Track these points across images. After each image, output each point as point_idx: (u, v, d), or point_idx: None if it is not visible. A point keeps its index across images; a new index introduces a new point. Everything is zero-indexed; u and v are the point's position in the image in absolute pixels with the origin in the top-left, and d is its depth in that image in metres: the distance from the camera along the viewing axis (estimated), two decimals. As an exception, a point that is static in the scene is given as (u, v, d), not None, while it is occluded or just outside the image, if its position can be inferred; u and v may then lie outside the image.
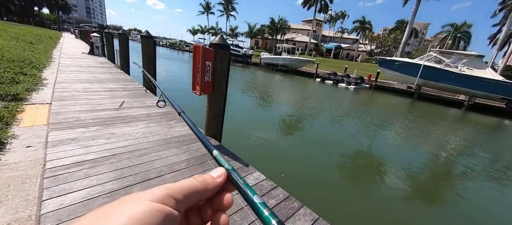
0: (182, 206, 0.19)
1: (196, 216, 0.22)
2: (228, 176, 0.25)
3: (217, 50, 2.38)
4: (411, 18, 20.84)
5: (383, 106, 11.61)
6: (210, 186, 0.22)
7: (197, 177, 0.22)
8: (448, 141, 6.54)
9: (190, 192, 0.19)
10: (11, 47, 6.96)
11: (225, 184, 0.24)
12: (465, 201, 3.40)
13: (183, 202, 0.19)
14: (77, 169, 1.73)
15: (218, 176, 0.23)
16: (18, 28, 16.85)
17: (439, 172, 4.46)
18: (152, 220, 0.15)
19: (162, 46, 56.48)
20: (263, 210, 0.21)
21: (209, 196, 0.22)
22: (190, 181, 0.20)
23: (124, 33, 6.98)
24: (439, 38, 40.14)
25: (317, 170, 3.73)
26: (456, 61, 13.77)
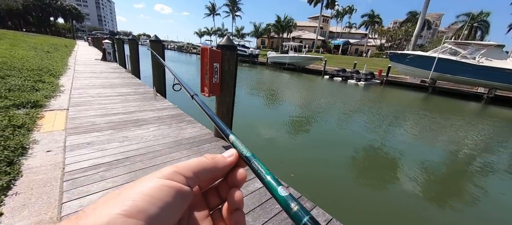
0: (192, 183, 0.19)
1: (214, 196, 0.23)
2: (245, 161, 0.23)
3: (224, 51, 2.39)
4: (423, 9, 19.99)
5: (395, 102, 11.23)
6: (220, 164, 0.22)
7: (207, 155, 0.22)
8: (467, 137, 6.23)
9: (199, 169, 0.20)
10: (30, 57, 7.35)
11: (240, 166, 0.24)
12: (486, 201, 3.22)
13: (193, 179, 0.19)
14: (93, 172, 1.79)
15: (229, 156, 0.23)
16: (36, 38, 17.79)
17: (457, 170, 4.25)
18: (160, 194, 0.16)
19: (170, 49, 57.63)
20: (290, 204, 0.19)
21: (221, 175, 0.23)
22: (200, 159, 0.21)
23: (134, 39, 7.18)
24: (454, 28, 38.33)
25: (328, 169, 3.66)
26: (474, 52, 13.07)
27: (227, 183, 0.23)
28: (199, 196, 0.22)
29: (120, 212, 0.14)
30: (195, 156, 2.21)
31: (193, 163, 0.20)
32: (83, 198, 1.51)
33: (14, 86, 3.70)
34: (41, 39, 18.76)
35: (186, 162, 0.20)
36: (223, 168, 0.22)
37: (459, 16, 33.45)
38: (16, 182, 1.65)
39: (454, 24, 36.92)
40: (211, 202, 0.23)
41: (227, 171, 0.23)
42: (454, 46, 13.95)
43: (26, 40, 13.60)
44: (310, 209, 1.64)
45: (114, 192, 0.16)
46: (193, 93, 0.31)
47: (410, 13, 36.67)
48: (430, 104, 11.33)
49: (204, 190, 0.23)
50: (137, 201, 0.15)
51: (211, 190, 0.23)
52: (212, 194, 0.23)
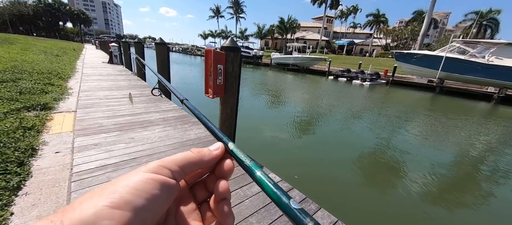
0: (178, 176, 0.19)
1: (202, 189, 0.23)
2: (249, 173, 0.23)
3: (228, 53, 2.40)
4: (429, 8, 19.66)
5: (401, 102, 11.05)
6: (205, 158, 0.22)
7: (193, 149, 0.22)
8: (477, 138, 6.06)
9: (185, 163, 0.20)
10: (40, 60, 7.57)
11: (227, 158, 0.24)
12: (496, 204, 3.12)
13: (179, 172, 0.19)
14: (100, 173, 1.82)
15: (215, 149, 0.24)
16: (46, 42, 18.30)
17: (467, 173, 4.14)
18: (146, 187, 0.17)
19: (175, 51, 58.36)
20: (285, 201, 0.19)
21: (208, 168, 0.23)
22: (186, 153, 0.21)
23: (139, 42, 7.30)
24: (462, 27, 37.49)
25: (333, 171, 3.62)
26: (483, 51, 12.75)
27: (215, 176, 0.23)
28: (187, 190, 0.23)
29: (107, 204, 0.15)
30: (200, 157, 2.23)
31: (178, 157, 0.20)
32: (90, 198, 1.54)
33: (25, 89, 3.81)
34: (51, 43, 19.29)
35: (172, 156, 0.20)
36: (209, 161, 0.23)
37: (468, 14, 32.73)
38: (26, 183, 1.69)
39: (462, 22, 36.12)
40: (199, 196, 0.23)
41: (213, 164, 0.23)
42: (463, 45, 13.64)
43: (36, 44, 14.01)
44: (315, 210, 1.63)
45: (100, 187, 0.16)
46: (183, 98, 0.29)
47: (416, 12, 36.11)
48: (438, 104, 11.10)
49: (192, 184, 0.24)
50: (123, 194, 0.15)
51: (199, 184, 0.24)
52: (200, 188, 0.24)
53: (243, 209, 1.58)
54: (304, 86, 14.65)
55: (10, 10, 40.56)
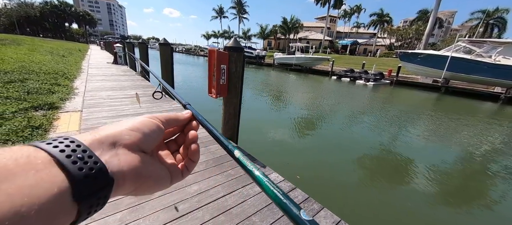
0: (165, 125, 0.27)
1: (172, 144, 0.31)
2: (257, 183, 0.25)
3: (231, 53, 2.42)
4: (435, 7, 19.41)
5: (406, 103, 10.93)
6: (180, 117, 0.30)
7: (170, 113, 0.30)
8: (482, 139, 5.96)
9: (167, 119, 0.28)
10: (47, 61, 7.70)
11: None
12: (503, 207, 3.07)
13: (165, 123, 0.27)
14: (106, 171, 1.85)
15: (185, 113, 0.32)
16: (52, 43, 18.62)
17: (473, 174, 4.07)
18: (148, 123, 0.25)
19: (178, 52, 58.71)
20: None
21: (179, 128, 0.31)
22: (167, 114, 0.29)
23: (143, 42, 7.38)
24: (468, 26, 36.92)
25: (336, 171, 3.61)
26: (490, 50, 12.52)
27: (184, 134, 0.31)
28: (162, 143, 0.30)
29: (127, 127, 0.23)
30: (203, 156, 2.24)
31: (163, 115, 0.28)
32: (96, 196, 1.56)
33: (32, 89, 3.89)
34: (57, 44, 19.62)
35: (158, 114, 0.28)
36: (182, 120, 0.31)
37: (474, 13, 32.19)
38: (34, 180, 1.72)
39: (468, 21, 35.56)
40: (171, 149, 0.31)
41: (184, 124, 0.31)
42: (469, 44, 13.43)
43: (43, 45, 14.27)
44: (318, 210, 1.63)
45: (118, 121, 0.23)
46: (186, 103, 0.31)
47: (420, 11, 35.69)
48: (443, 104, 10.95)
49: (167, 140, 0.31)
50: (135, 123, 0.24)
51: (170, 142, 0.31)
52: (172, 144, 0.31)
53: (246, 208, 1.59)
54: (307, 86, 14.61)
55: (18, 12, 41.38)
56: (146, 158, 0.23)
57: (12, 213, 0.13)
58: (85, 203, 0.16)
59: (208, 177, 1.93)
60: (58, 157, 0.16)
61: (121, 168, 0.20)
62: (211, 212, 1.53)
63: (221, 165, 2.14)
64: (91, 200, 0.17)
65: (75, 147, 0.18)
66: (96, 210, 0.18)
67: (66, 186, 0.16)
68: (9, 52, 7.83)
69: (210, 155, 2.29)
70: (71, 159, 0.17)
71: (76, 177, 0.16)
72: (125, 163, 0.20)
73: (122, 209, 1.47)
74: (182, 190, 1.72)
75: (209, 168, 2.07)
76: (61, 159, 0.16)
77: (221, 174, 1.99)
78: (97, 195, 0.17)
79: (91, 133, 0.20)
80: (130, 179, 0.20)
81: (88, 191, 0.17)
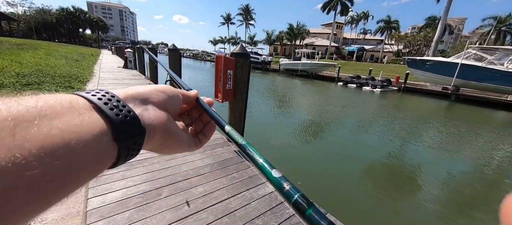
0: (182, 97, 0.29)
1: (185, 118, 0.34)
2: (240, 148, 0.28)
3: (237, 59, 2.49)
4: (443, 14, 19.17)
5: (415, 110, 10.72)
6: (190, 94, 0.32)
7: (183, 90, 0.32)
8: (496, 149, 5.76)
9: (182, 93, 0.30)
10: (61, 65, 8.05)
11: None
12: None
13: (182, 96, 0.30)
14: (115, 171, 1.92)
15: (192, 91, 0.34)
16: (67, 48, 19.42)
17: (485, 187, 3.94)
18: (173, 89, 0.27)
19: (186, 57, 59.92)
20: (282, 184, 0.22)
21: (188, 103, 0.33)
22: (181, 89, 0.32)
23: (153, 47, 7.62)
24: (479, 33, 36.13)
25: (341, 178, 3.57)
26: (502, 58, 12.19)
27: (197, 112, 0.34)
28: (178, 116, 0.33)
29: (155, 88, 0.25)
30: (209, 159, 2.28)
31: (178, 90, 0.30)
32: (106, 195, 1.63)
33: (47, 91, 4.08)
34: (71, 48, 20.45)
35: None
36: (192, 97, 0.33)
37: (485, 19, 31.59)
38: (48, 178, 1.81)
39: (479, 28, 34.86)
40: (185, 121, 0.34)
41: (192, 100, 0.33)
42: (479, 51, 13.13)
43: (58, 50, 14.91)
44: (321, 215, 1.63)
45: (136, 86, 0.25)
46: (187, 88, 0.35)
47: (429, 18, 35.26)
48: (454, 113, 10.67)
49: (181, 113, 0.34)
50: (162, 87, 0.26)
51: (183, 115, 0.34)
52: (185, 117, 0.34)
53: (250, 211, 1.62)
54: (313, 92, 14.57)
55: (36, 18, 43.52)
56: (171, 118, 0.25)
57: (64, 145, 0.14)
58: (123, 145, 0.18)
59: (213, 179, 1.97)
60: (97, 103, 0.18)
61: (151, 121, 0.22)
62: (215, 213, 1.56)
63: (226, 168, 2.18)
64: (128, 143, 0.19)
65: (110, 97, 0.19)
66: (132, 155, 0.20)
67: (106, 128, 0.17)
68: (27, 56, 8.24)
69: (215, 158, 2.33)
70: (108, 106, 0.18)
71: (114, 120, 0.18)
72: (154, 117, 0.22)
73: (130, 208, 1.52)
74: (187, 191, 1.76)
75: (214, 170, 2.11)
76: (100, 105, 0.18)
77: (226, 177, 2.02)
78: (133, 139, 0.19)
79: (123, 90, 0.22)
80: (159, 133, 0.22)
81: (126, 134, 0.18)
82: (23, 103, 0.14)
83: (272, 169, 0.23)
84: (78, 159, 0.15)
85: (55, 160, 0.13)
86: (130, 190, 1.70)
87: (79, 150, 0.15)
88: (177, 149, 0.27)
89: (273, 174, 0.22)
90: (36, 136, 0.13)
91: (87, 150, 0.15)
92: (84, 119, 0.16)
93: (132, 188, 1.73)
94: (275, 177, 0.22)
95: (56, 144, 0.14)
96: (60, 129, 0.14)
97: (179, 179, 1.91)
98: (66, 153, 0.14)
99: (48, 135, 0.14)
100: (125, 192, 1.68)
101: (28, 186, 0.12)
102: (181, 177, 1.94)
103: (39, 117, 0.14)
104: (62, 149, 0.14)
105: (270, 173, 0.23)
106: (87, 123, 0.16)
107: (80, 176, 0.15)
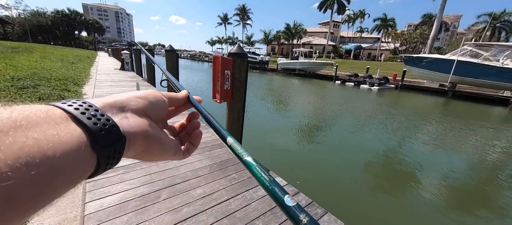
0: (168, 101, 0.29)
1: (174, 129, 0.34)
2: (246, 166, 0.25)
3: (235, 59, 2.48)
4: (439, 11, 19.30)
5: (412, 107, 10.78)
6: (179, 96, 0.32)
7: (171, 93, 0.32)
8: (493, 144, 5.81)
9: (169, 96, 0.30)
10: (57, 68, 7.97)
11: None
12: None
13: (168, 99, 0.29)
14: (113, 174, 1.90)
15: (181, 92, 0.34)
16: (63, 51, 19.23)
17: (482, 182, 3.97)
18: (153, 94, 0.27)
19: (183, 58, 59.68)
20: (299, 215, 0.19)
21: (178, 105, 0.33)
22: (168, 92, 0.31)
23: (150, 49, 7.57)
24: (474, 30, 36.45)
25: (340, 176, 3.57)
26: (497, 54, 12.32)
27: (186, 123, 0.35)
28: (166, 123, 0.33)
29: (134, 95, 0.25)
30: (207, 160, 2.27)
31: (165, 93, 0.30)
32: (104, 198, 1.61)
33: (43, 94, 4.04)
34: (67, 51, 20.26)
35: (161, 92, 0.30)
36: (181, 99, 0.32)
37: (480, 16, 31.87)
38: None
39: (475, 25, 35.14)
40: (173, 133, 0.33)
41: (182, 103, 0.33)
42: (475, 48, 13.25)
43: (54, 53, 14.76)
44: (322, 215, 1.63)
45: (123, 93, 0.25)
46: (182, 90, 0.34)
47: (425, 15, 35.50)
48: (451, 109, 10.75)
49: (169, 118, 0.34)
50: (142, 93, 0.26)
51: (173, 127, 0.34)
52: (173, 129, 0.34)
53: (250, 212, 1.61)
54: (311, 91, 14.60)
55: (31, 21, 43.04)
56: (153, 124, 0.25)
57: (41, 155, 0.14)
58: (102, 153, 0.18)
59: (212, 180, 1.96)
60: (74, 113, 0.18)
61: (131, 127, 0.21)
62: (215, 215, 1.55)
63: (225, 169, 2.16)
64: (107, 151, 0.19)
65: (88, 106, 0.19)
66: (112, 163, 0.20)
67: (84, 137, 0.17)
68: (22, 60, 8.14)
69: (214, 159, 2.32)
70: (86, 115, 0.18)
71: (92, 129, 0.18)
72: (134, 124, 0.22)
73: (128, 211, 1.50)
74: (186, 194, 1.75)
75: (213, 172, 2.10)
76: (76, 115, 0.18)
77: (225, 178, 2.01)
78: (113, 147, 0.19)
79: (100, 99, 0.22)
80: (140, 139, 0.22)
81: (104, 142, 0.18)
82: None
83: (285, 195, 0.20)
84: (56, 169, 0.15)
85: (32, 170, 0.13)
86: (129, 193, 1.68)
87: (57, 160, 0.15)
88: (162, 155, 0.26)
89: (286, 202, 0.19)
90: (11, 147, 0.13)
91: (65, 160, 0.15)
92: (61, 129, 0.16)
93: (130, 191, 1.71)
94: (288, 205, 0.19)
95: (32, 154, 0.14)
96: (37, 139, 0.14)
97: (178, 181, 1.89)
98: (43, 163, 0.14)
99: (24, 146, 0.14)
100: (123, 195, 1.66)
101: (4, 196, 0.12)
102: (179, 179, 1.92)
103: (14, 128, 0.14)
104: (38, 159, 0.14)
105: (283, 200, 0.19)
106: (64, 132, 0.16)
107: (58, 186, 0.15)
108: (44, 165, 0.14)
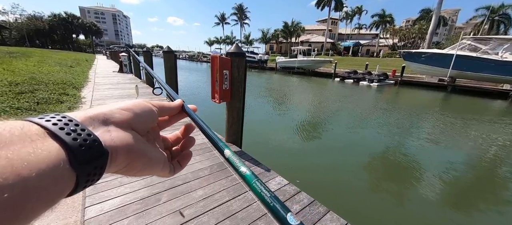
0: (158, 111, 0.28)
1: (167, 142, 0.33)
2: (244, 181, 0.24)
3: (233, 59, 2.46)
4: (437, 6, 19.25)
5: (412, 103, 10.77)
6: (171, 105, 0.31)
7: (164, 102, 0.31)
8: (494, 138, 5.81)
9: (160, 106, 0.28)
10: (55, 72, 7.94)
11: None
12: None
13: (158, 109, 0.28)
14: (113, 178, 1.89)
15: (176, 101, 0.33)
16: (61, 54, 19.18)
17: (486, 178, 3.96)
18: (141, 104, 0.26)
19: (182, 59, 59.54)
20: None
21: (172, 114, 0.32)
22: (162, 101, 0.30)
23: (148, 51, 7.55)
24: (473, 23, 36.40)
25: (342, 174, 3.56)
26: (496, 47, 12.31)
27: (181, 135, 0.34)
28: (158, 136, 0.31)
29: (119, 107, 0.23)
30: (208, 161, 2.25)
31: (156, 102, 0.29)
32: (104, 203, 1.59)
33: (41, 99, 4.01)
34: (65, 55, 20.20)
35: (153, 101, 0.29)
36: (174, 108, 0.31)
37: (478, 9, 31.81)
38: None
39: (473, 19, 35.11)
40: (166, 145, 0.33)
41: (175, 112, 0.32)
42: (474, 42, 13.23)
43: (52, 56, 14.71)
44: (324, 213, 1.61)
45: (111, 103, 0.24)
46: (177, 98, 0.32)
47: (423, 10, 35.45)
48: (451, 104, 10.74)
49: (162, 129, 0.32)
50: (127, 104, 0.24)
51: (166, 140, 0.33)
52: (166, 142, 0.33)
53: (251, 212, 1.59)
54: (310, 89, 14.58)
55: (28, 26, 42.91)
56: (139, 137, 0.23)
57: (14, 175, 0.13)
58: (82, 171, 0.17)
59: (213, 181, 1.94)
60: (51, 129, 0.17)
61: (113, 142, 0.20)
62: (216, 216, 1.54)
63: (225, 169, 2.15)
64: (87, 168, 0.18)
65: (67, 121, 0.18)
66: (93, 180, 0.19)
67: (63, 154, 0.16)
68: (19, 65, 8.11)
69: (215, 159, 2.30)
70: (65, 131, 0.17)
71: (71, 145, 0.17)
72: (117, 138, 0.21)
73: (129, 215, 1.49)
74: (187, 195, 1.73)
75: (214, 173, 2.08)
76: (54, 131, 0.17)
77: (226, 179, 2.00)
78: (93, 164, 0.18)
79: (82, 111, 0.21)
80: (123, 153, 0.21)
81: (84, 159, 0.17)
82: None
83: (288, 213, 0.19)
84: (31, 190, 0.14)
85: (4, 192, 0.13)
86: (129, 197, 1.67)
87: (32, 180, 0.14)
88: (149, 170, 0.25)
89: (289, 220, 0.18)
90: None
91: (41, 179, 0.14)
92: (37, 146, 0.15)
93: (130, 194, 1.70)
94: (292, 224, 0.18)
95: (4, 175, 0.13)
96: (9, 159, 0.13)
97: (178, 183, 1.88)
98: (17, 184, 0.13)
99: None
100: (123, 199, 1.65)
101: None
102: (180, 181, 1.91)
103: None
104: (11, 180, 0.13)
105: (285, 219, 0.18)
106: (40, 150, 0.15)
107: (34, 207, 0.14)
108: (18, 186, 0.13)
